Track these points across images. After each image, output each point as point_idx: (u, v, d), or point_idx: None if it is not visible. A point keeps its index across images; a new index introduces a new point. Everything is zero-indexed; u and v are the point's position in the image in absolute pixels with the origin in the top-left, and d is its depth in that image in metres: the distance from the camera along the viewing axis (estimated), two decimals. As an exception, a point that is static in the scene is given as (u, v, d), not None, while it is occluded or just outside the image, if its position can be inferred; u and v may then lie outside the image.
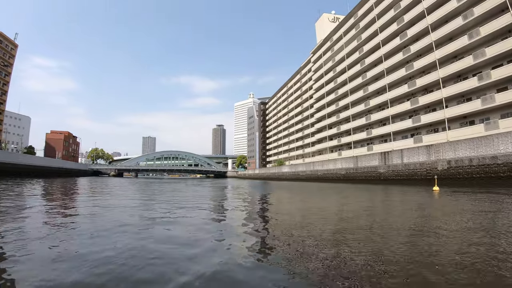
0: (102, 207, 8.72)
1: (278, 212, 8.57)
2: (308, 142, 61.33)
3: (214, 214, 7.84)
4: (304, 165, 48.23)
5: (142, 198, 13.03)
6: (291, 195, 14.44)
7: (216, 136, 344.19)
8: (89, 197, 13.05)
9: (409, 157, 25.96)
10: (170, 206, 8.98)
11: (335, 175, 36.07)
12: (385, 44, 39.88)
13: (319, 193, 15.93)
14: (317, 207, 9.30)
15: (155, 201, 11.16)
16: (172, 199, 11.88)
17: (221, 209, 9.29)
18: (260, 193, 15.70)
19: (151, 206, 9.38)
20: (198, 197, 13.33)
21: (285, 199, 12.36)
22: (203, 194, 14.87)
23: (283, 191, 16.99)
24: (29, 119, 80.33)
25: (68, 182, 25.82)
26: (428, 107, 34.04)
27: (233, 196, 14.28)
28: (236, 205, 10.07)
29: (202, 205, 9.68)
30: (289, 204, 10.56)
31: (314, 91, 58.76)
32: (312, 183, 31.42)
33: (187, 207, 8.86)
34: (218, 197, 14.11)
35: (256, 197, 13.51)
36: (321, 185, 24.76)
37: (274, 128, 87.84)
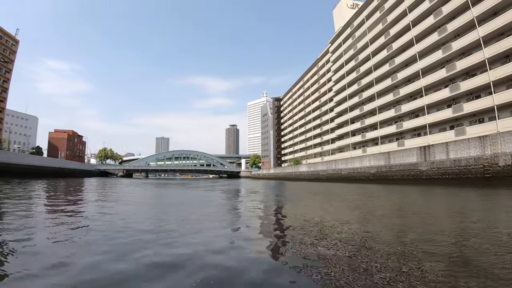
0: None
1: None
2: (327, 139, 57.60)
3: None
4: (324, 163, 44.67)
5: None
6: (334, 204, 11.03)
7: (230, 136, 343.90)
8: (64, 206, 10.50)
9: (456, 151, 22.12)
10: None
11: (363, 174, 32.39)
12: (416, 24, 35.86)
13: (373, 202, 11.97)
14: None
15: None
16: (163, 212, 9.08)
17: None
18: (286, 202, 12.42)
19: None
20: (204, 214, 10.48)
21: (332, 214, 9.01)
22: (211, 202, 12.05)
23: (316, 198, 13.50)
24: (36, 119, 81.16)
25: (62, 184, 23.88)
26: (470, 93, 29.96)
27: (252, 206, 10.95)
28: (266, 231, 6.87)
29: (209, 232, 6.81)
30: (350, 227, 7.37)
31: (334, 83, 54.99)
32: (338, 184, 28.02)
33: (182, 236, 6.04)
34: (231, 212, 11.13)
35: (288, 214, 10.05)
36: (354, 187, 21.35)
37: (289, 125, 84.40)
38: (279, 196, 14.39)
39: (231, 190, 19.28)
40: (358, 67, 46.82)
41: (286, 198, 13.59)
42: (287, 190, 19.93)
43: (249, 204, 10.66)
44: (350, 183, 31.61)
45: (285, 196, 14.53)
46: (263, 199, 12.63)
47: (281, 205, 10.19)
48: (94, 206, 8.83)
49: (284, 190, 19.87)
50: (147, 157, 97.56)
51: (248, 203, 10.86)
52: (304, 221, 6.20)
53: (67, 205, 8.93)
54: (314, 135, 64.82)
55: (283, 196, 14.73)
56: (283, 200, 12.45)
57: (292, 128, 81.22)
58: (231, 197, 13.92)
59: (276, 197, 13.83)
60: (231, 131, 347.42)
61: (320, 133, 62.24)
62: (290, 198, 13.26)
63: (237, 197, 14.22)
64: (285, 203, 10.99)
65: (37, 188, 17.14)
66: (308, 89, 70.39)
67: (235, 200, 12.39)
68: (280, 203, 10.96)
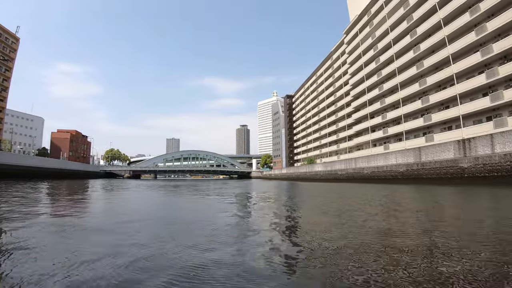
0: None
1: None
2: (343, 136, 54.47)
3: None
4: (343, 162, 41.66)
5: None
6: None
7: (240, 136, 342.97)
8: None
9: (504, 144, 18.97)
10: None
11: (389, 173, 29.26)
12: (443, 6, 32.58)
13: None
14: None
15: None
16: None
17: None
18: (307, 210, 9.86)
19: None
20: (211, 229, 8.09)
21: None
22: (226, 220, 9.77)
23: (362, 208, 10.45)
24: (41, 120, 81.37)
25: (50, 186, 22.19)
26: (510, 79, 26.62)
27: (269, 220, 8.22)
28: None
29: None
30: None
31: (350, 76, 51.88)
32: (363, 186, 25.15)
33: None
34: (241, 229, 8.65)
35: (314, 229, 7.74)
36: (387, 189, 18.52)
37: (302, 122, 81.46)
38: (292, 197, 11.87)
39: (242, 198, 16.97)
40: (378, 57, 43.64)
41: (301, 203, 11.06)
42: (307, 194, 17.37)
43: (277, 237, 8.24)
44: (375, 183, 28.70)
45: (299, 199, 12.02)
46: (287, 212, 10.15)
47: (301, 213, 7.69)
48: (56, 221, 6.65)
49: (304, 195, 17.35)
50: (155, 157, 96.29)
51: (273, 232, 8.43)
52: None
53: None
54: (329, 133, 61.73)
55: (297, 198, 12.22)
56: (301, 204, 9.93)
57: (305, 125, 78.25)
58: (244, 211, 11.55)
59: (291, 200, 11.31)
60: (242, 131, 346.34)
61: (335, 130, 59.12)
62: (306, 203, 10.71)
63: (250, 209, 11.82)
64: (305, 213, 8.46)
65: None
66: (321, 84, 67.34)
67: (252, 218, 10.01)
68: (302, 211, 8.46)
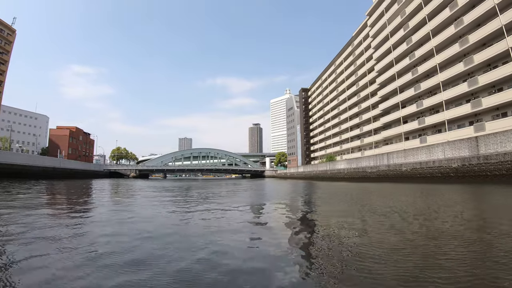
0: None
1: None
2: (368, 129, 49.58)
3: None
4: (372, 158, 36.96)
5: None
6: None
7: (253, 135, 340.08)
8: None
9: None
10: None
11: (437, 170, 24.44)
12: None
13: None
14: None
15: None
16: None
17: None
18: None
19: None
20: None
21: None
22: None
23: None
24: (46, 118, 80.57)
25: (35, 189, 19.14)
26: None
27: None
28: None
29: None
30: None
31: (375, 62, 46.96)
32: (406, 186, 20.75)
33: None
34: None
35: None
36: (452, 191, 14.20)
37: (319, 117, 76.72)
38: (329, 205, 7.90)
39: (255, 208, 13.15)
40: (409, 37, 38.62)
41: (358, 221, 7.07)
42: (339, 196, 13.37)
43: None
44: (417, 182, 24.14)
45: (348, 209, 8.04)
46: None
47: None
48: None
49: (333, 196, 13.37)
50: (163, 156, 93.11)
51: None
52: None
53: None
54: (350, 126, 56.88)
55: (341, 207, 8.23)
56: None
57: (323, 120, 73.48)
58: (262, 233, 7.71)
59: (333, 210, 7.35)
60: (254, 130, 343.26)
61: (358, 124, 54.25)
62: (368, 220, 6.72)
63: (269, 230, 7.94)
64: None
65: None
66: (341, 73, 62.47)
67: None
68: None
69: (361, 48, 53.01)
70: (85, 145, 72.78)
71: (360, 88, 53.21)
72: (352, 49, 57.32)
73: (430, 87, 34.76)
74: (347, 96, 58.62)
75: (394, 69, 41.40)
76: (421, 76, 36.77)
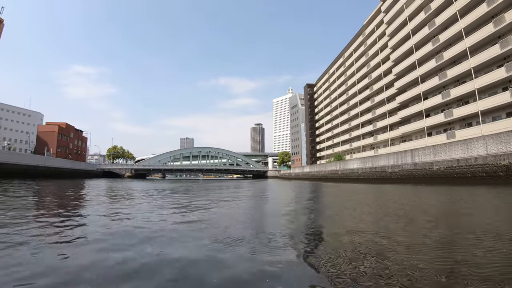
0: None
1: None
2: (382, 125, 45.75)
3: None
4: (392, 156, 33.03)
5: None
6: None
7: (255, 135, 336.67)
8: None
9: None
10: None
11: (482, 168, 20.38)
12: None
13: None
14: None
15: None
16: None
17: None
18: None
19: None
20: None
21: None
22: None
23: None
24: (40, 116, 77.49)
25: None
26: None
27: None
28: None
29: None
30: None
31: (391, 50, 43.19)
32: (450, 188, 17.03)
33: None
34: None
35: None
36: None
37: (326, 114, 72.93)
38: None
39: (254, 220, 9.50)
40: (432, 19, 34.83)
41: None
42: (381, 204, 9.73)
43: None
44: (459, 184, 20.39)
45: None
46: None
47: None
48: None
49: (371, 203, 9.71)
50: (160, 155, 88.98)
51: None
52: None
53: None
54: (362, 123, 53.06)
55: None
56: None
57: (330, 117, 69.67)
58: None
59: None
60: (256, 130, 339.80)
61: (371, 120, 50.45)
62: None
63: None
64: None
65: None
66: (351, 66, 58.69)
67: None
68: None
69: (374, 36, 49.24)
70: (77, 142, 69.07)
71: (373, 81, 49.39)
72: (363, 39, 53.55)
73: (458, 74, 30.95)
74: (357, 90, 54.81)
75: (413, 57, 37.60)
76: (447, 63, 32.97)
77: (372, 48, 49.99)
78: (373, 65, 49.24)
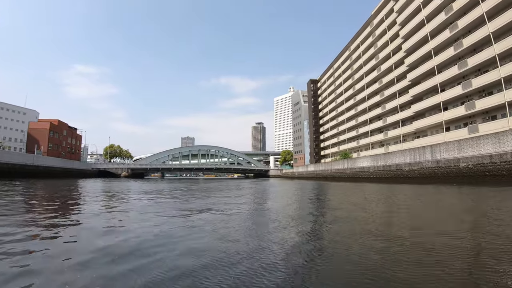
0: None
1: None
2: (393, 120, 43.38)
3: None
4: (407, 153, 30.61)
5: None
6: None
7: (256, 134, 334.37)
8: None
9: None
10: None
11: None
12: None
13: None
14: None
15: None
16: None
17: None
18: None
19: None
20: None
21: None
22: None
23: None
24: (36, 114, 75.42)
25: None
26: None
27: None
28: None
29: None
30: None
31: (403, 40, 40.80)
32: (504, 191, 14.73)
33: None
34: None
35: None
36: None
37: (331, 110, 70.57)
38: None
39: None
40: (449, 4, 32.40)
41: None
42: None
43: None
44: (495, 184, 18.08)
45: None
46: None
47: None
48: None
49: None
50: (158, 153, 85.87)
51: None
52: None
53: None
54: (370, 118, 50.69)
55: None
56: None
57: (335, 113, 67.30)
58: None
59: None
60: (257, 129, 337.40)
61: (380, 115, 48.07)
62: None
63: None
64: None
65: None
66: (358, 59, 56.29)
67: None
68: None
69: (383, 26, 46.78)
70: (71, 140, 66.64)
71: (383, 73, 46.96)
72: (372, 30, 51.10)
73: (480, 63, 28.55)
74: (365, 83, 52.40)
75: (428, 46, 35.18)
76: (466, 51, 30.57)
77: (381, 39, 47.53)
78: (383, 57, 46.79)
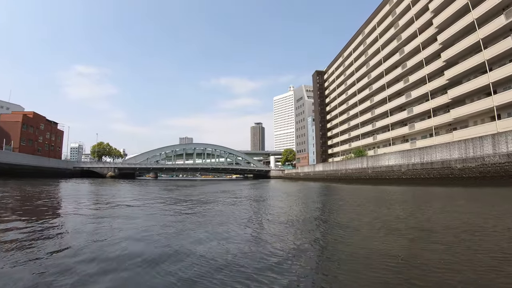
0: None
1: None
2: (422, 110, 37.50)
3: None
4: (456, 146, 24.54)
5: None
6: None
7: (255, 134, 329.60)
8: None
9: None
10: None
11: None
12: None
13: None
14: None
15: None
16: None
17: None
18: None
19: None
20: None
21: None
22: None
23: None
24: (20, 109, 70.17)
25: None
26: None
27: None
28: None
29: None
30: None
31: (433, 15, 34.96)
32: None
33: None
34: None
35: None
36: None
37: (340, 103, 64.77)
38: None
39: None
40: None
41: None
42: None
43: None
44: None
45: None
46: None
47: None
48: None
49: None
50: (148, 152, 77.74)
51: None
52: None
53: None
54: (390, 110, 44.80)
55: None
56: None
57: (346, 106, 61.49)
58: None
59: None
60: (256, 129, 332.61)
61: (402, 105, 42.23)
62: None
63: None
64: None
65: None
66: (374, 42, 50.48)
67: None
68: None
69: (407, 1, 40.98)
70: (49, 136, 60.19)
71: (407, 56, 41.04)
72: (391, 8, 45.28)
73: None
74: (384, 70, 46.55)
75: (470, 16, 29.31)
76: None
77: (404, 17, 41.68)
78: (406, 37, 40.91)
